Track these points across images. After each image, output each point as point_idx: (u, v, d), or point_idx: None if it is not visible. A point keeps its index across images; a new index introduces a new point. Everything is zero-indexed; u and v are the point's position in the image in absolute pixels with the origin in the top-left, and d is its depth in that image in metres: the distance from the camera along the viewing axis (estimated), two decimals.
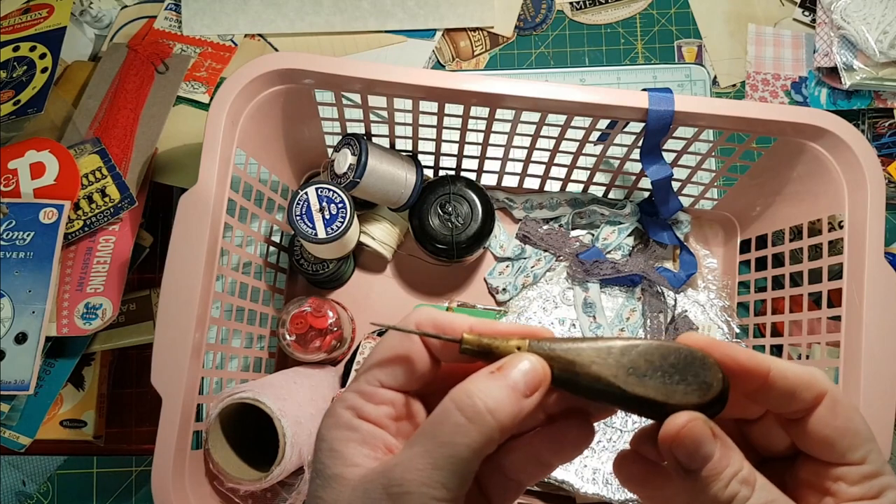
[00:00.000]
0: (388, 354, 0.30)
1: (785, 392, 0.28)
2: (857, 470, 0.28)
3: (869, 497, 0.28)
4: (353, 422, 0.29)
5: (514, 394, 0.27)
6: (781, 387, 0.28)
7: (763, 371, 0.28)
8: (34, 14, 0.79)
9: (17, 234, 0.67)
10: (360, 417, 0.29)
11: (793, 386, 0.28)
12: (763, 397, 0.29)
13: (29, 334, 0.65)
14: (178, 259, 0.56)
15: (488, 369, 0.28)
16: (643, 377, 0.27)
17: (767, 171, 0.69)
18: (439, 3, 0.86)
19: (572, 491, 0.69)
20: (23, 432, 0.70)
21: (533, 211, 0.79)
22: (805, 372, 0.28)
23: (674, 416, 0.27)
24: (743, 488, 0.27)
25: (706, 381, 0.28)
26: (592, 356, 0.28)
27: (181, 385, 0.54)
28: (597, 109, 0.61)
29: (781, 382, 0.28)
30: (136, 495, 0.75)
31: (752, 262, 0.76)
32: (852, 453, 0.28)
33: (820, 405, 0.28)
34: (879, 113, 0.82)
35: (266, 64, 0.59)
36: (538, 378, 0.27)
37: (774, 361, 0.28)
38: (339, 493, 0.28)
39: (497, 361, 0.28)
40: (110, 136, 0.74)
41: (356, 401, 0.29)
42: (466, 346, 0.28)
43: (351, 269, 0.78)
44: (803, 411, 0.29)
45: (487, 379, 0.27)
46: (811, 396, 0.28)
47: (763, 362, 0.28)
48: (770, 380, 0.28)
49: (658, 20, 0.87)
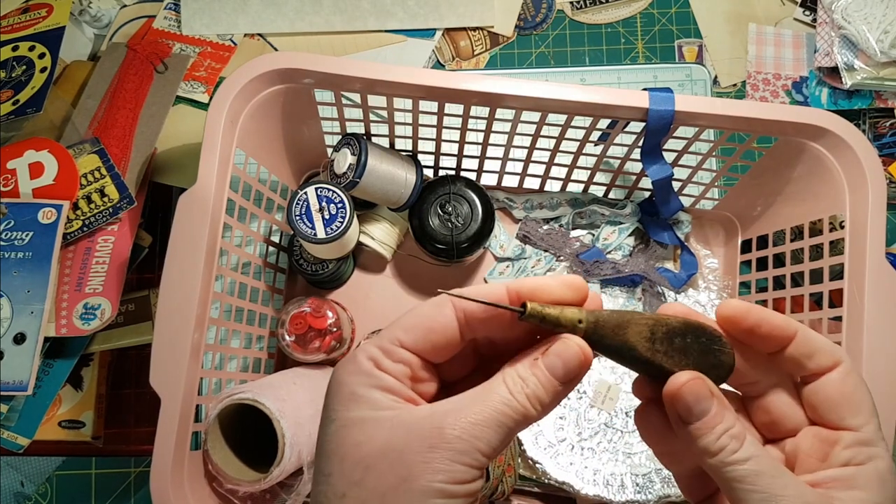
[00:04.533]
0: (414, 321, 0.31)
1: (806, 353, 0.32)
2: (853, 435, 0.31)
3: (856, 463, 0.30)
4: (373, 370, 0.30)
5: (553, 383, 0.30)
6: (804, 348, 0.32)
7: (791, 333, 0.31)
8: (33, 13, 0.79)
9: (15, 234, 0.67)
10: (379, 368, 0.31)
11: (815, 349, 0.31)
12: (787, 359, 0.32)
13: (27, 334, 0.64)
14: (177, 259, 0.55)
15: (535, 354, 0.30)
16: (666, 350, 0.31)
17: (768, 171, 0.69)
18: (439, 3, 0.86)
19: (573, 492, 0.68)
20: (21, 433, 0.69)
21: (533, 211, 0.79)
22: (825, 340, 0.32)
23: (677, 375, 0.31)
24: (732, 442, 0.30)
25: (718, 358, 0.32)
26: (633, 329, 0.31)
27: (180, 386, 0.54)
28: (597, 109, 0.61)
29: (805, 345, 0.31)
30: (134, 496, 0.75)
31: (752, 262, 0.76)
32: (852, 418, 0.31)
33: (834, 370, 0.31)
34: (880, 113, 0.82)
35: (265, 63, 0.59)
36: (576, 369, 0.30)
37: (801, 326, 0.32)
38: (371, 433, 0.29)
39: (545, 343, 0.31)
40: (109, 135, 0.74)
41: (376, 353, 0.31)
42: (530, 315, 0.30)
43: (350, 269, 0.78)
44: (818, 374, 0.32)
45: (533, 367, 0.30)
46: (828, 362, 0.31)
47: (792, 325, 0.32)
48: (796, 341, 0.32)
49: (658, 20, 0.87)
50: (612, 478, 0.68)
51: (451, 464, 0.28)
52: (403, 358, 0.31)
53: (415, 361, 0.31)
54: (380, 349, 0.31)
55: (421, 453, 0.28)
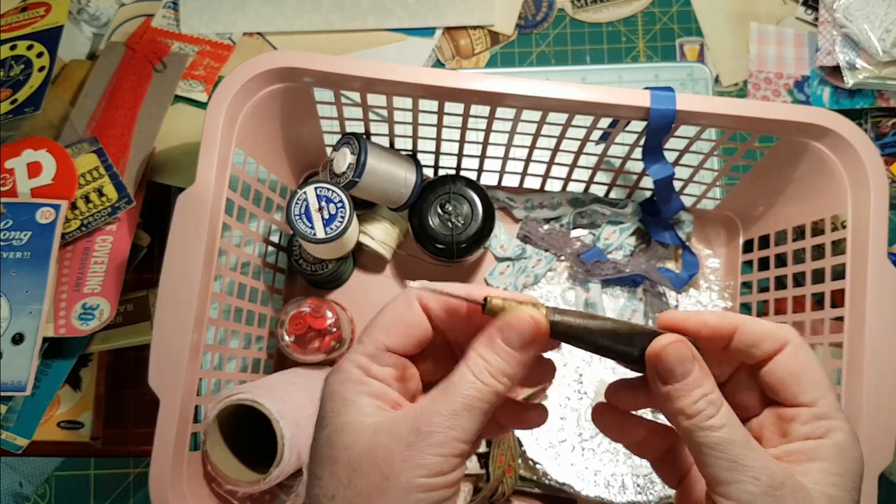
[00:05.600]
0: (392, 320, 0.33)
1: (750, 343, 0.33)
2: (808, 411, 0.32)
3: (815, 437, 0.31)
4: (363, 378, 0.32)
5: (513, 355, 0.31)
6: (747, 339, 0.33)
7: (731, 328, 0.33)
8: (31, 12, 0.79)
9: (14, 233, 0.67)
10: (368, 375, 0.32)
11: (757, 338, 0.33)
12: (734, 350, 0.33)
13: (26, 335, 0.64)
14: (176, 259, 0.55)
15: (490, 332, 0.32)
16: None
17: (770, 171, 0.69)
18: (439, 1, 0.86)
19: (573, 493, 0.68)
20: (20, 433, 0.69)
21: (534, 211, 0.78)
22: (770, 326, 0.33)
23: (662, 336, 0.32)
24: (709, 407, 0.31)
25: None
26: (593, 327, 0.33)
27: (179, 386, 0.54)
28: (598, 108, 0.60)
29: (747, 336, 0.33)
30: (133, 497, 0.75)
31: (754, 262, 0.75)
32: (804, 395, 0.32)
33: (781, 352, 0.32)
34: (882, 112, 0.82)
35: (264, 62, 0.59)
36: (531, 335, 0.32)
37: (741, 319, 0.33)
38: (357, 436, 0.31)
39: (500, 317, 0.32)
40: (108, 135, 0.73)
41: (363, 360, 0.33)
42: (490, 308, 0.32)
43: (350, 269, 0.77)
44: (767, 359, 0.33)
45: (491, 345, 0.32)
46: (773, 346, 0.33)
47: (731, 321, 0.33)
48: (738, 335, 0.33)
49: (660, 18, 0.87)
50: (612, 478, 0.68)
51: (430, 457, 0.29)
52: (389, 361, 0.33)
53: (400, 362, 0.33)
54: (367, 356, 0.33)
55: (401, 452, 0.30)
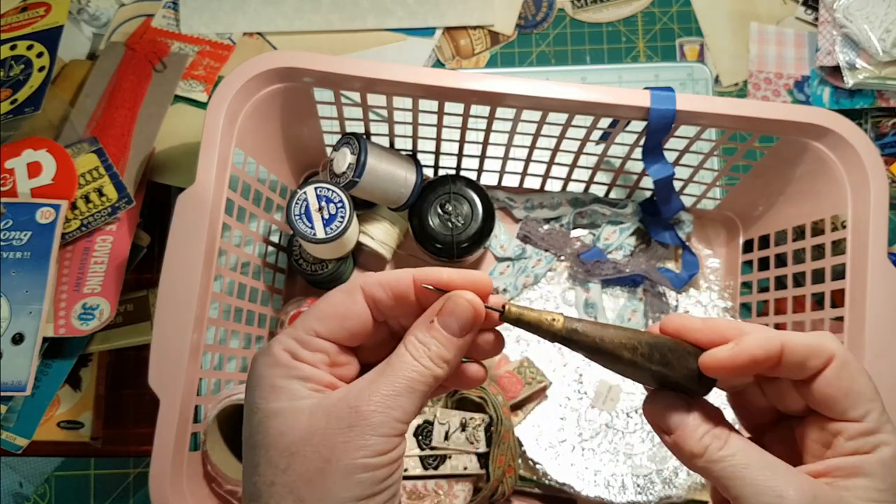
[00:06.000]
0: (329, 309, 0.33)
1: (797, 363, 0.31)
2: (856, 426, 0.31)
3: (863, 452, 0.30)
4: (291, 362, 0.32)
5: (451, 340, 0.32)
6: (795, 359, 0.31)
7: (776, 355, 0.31)
8: (31, 12, 0.79)
9: (14, 233, 0.67)
10: (295, 359, 0.32)
11: (804, 357, 0.31)
12: (778, 371, 0.32)
13: (26, 335, 0.64)
14: (176, 259, 0.55)
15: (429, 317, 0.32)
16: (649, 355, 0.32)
17: (770, 171, 0.69)
18: (439, 1, 0.86)
19: (573, 493, 0.68)
20: (20, 433, 0.69)
21: (534, 211, 0.78)
22: (813, 340, 0.31)
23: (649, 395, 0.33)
24: (715, 441, 0.31)
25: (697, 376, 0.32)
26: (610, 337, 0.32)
27: (179, 386, 0.54)
28: (598, 108, 0.60)
29: (794, 356, 0.31)
30: (133, 497, 0.75)
31: (754, 262, 0.75)
32: (853, 411, 0.31)
33: (828, 367, 0.31)
34: (882, 112, 0.82)
35: (264, 62, 0.59)
36: (470, 321, 0.32)
37: (784, 339, 0.31)
38: (292, 422, 0.30)
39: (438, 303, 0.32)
40: (108, 135, 0.73)
41: (292, 344, 0.32)
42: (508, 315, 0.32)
43: (350, 269, 0.77)
44: (814, 376, 0.31)
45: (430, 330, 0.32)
46: (820, 362, 0.31)
47: (775, 348, 0.30)
48: (784, 356, 0.31)
49: (660, 18, 0.87)
50: (612, 479, 0.68)
51: (371, 437, 0.29)
52: (320, 346, 0.32)
53: (331, 348, 0.32)
54: (296, 340, 0.32)
55: (341, 433, 0.29)
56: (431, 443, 0.64)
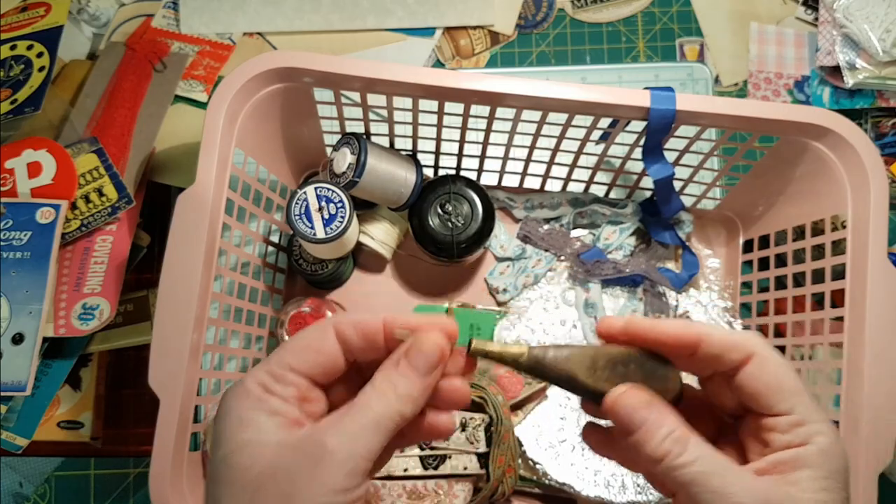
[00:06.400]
0: (302, 344, 0.33)
1: (715, 354, 0.33)
2: (786, 420, 0.32)
3: (796, 444, 0.32)
4: (262, 394, 0.32)
5: (418, 379, 0.32)
6: (711, 350, 0.33)
7: (693, 339, 0.33)
8: (31, 12, 0.79)
9: (14, 233, 0.67)
10: (267, 392, 0.32)
11: (719, 350, 0.33)
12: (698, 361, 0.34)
13: (26, 335, 0.64)
14: (176, 259, 0.55)
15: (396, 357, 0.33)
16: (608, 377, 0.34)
17: (770, 171, 0.69)
18: (439, 1, 0.86)
19: (573, 493, 0.68)
20: (20, 433, 0.69)
21: (534, 211, 0.78)
22: (733, 336, 0.33)
23: (613, 390, 0.33)
24: (676, 446, 0.31)
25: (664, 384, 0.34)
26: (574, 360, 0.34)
27: (179, 386, 0.54)
28: (598, 108, 0.60)
29: (710, 347, 0.33)
30: (133, 497, 0.75)
31: (754, 262, 0.75)
32: (779, 405, 0.32)
33: (748, 363, 0.33)
34: (882, 112, 0.82)
35: (264, 62, 0.59)
36: (436, 360, 0.32)
37: (703, 329, 0.33)
38: (257, 456, 0.30)
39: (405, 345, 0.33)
40: (108, 135, 0.73)
41: (265, 378, 0.32)
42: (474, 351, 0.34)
43: (350, 269, 0.77)
44: (734, 370, 0.33)
45: (398, 369, 0.32)
46: (738, 357, 0.33)
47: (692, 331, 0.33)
48: (701, 346, 0.33)
49: (660, 18, 0.87)
50: (612, 478, 0.68)
51: (335, 475, 0.29)
52: (293, 381, 0.32)
53: (304, 384, 0.33)
54: (269, 374, 0.32)
55: (307, 469, 0.29)
56: (431, 442, 0.64)
